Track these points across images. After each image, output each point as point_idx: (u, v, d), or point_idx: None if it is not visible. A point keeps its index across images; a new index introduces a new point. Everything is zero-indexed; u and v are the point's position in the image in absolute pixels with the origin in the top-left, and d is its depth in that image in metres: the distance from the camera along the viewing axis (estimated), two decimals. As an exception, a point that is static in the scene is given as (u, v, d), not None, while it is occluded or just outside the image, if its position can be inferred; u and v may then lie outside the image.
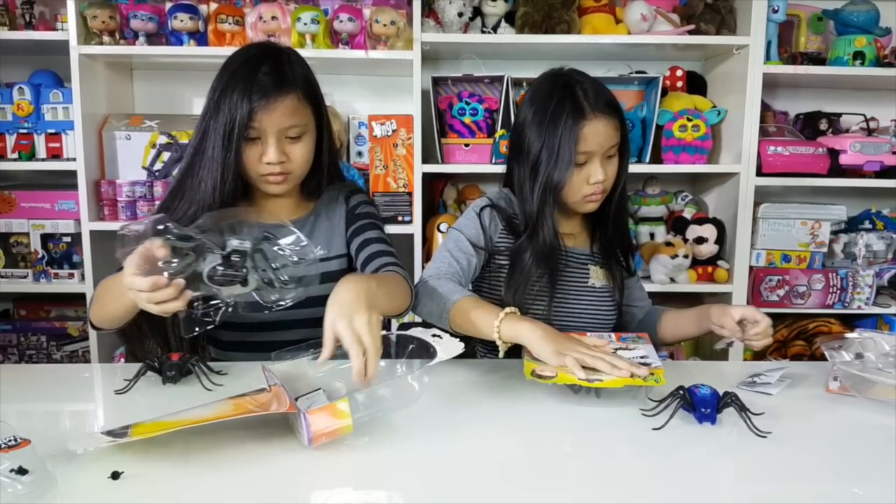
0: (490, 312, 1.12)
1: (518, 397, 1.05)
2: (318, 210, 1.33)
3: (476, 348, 1.34)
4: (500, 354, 1.11)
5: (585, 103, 1.23)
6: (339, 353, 0.90)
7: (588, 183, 1.25)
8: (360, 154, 2.21)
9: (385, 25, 1.99)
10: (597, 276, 1.36)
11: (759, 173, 2.08)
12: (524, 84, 2.15)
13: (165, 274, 0.91)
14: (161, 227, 0.93)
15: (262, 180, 1.21)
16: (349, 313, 0.90)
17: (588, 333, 1.17)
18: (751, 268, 2.13)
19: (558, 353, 1.01)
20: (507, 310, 1.11)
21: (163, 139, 2.08)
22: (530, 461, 0.84)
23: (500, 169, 1.41)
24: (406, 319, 1.42)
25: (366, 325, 0.89)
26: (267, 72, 1.15)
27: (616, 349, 1.08)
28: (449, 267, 1.25)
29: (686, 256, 2.09)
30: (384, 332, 0.97)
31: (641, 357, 1.06)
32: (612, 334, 1.20)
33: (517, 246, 1.29)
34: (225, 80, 1.16)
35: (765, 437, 0.87)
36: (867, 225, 2.22)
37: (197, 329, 0.98)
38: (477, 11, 2.11)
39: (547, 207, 1.26)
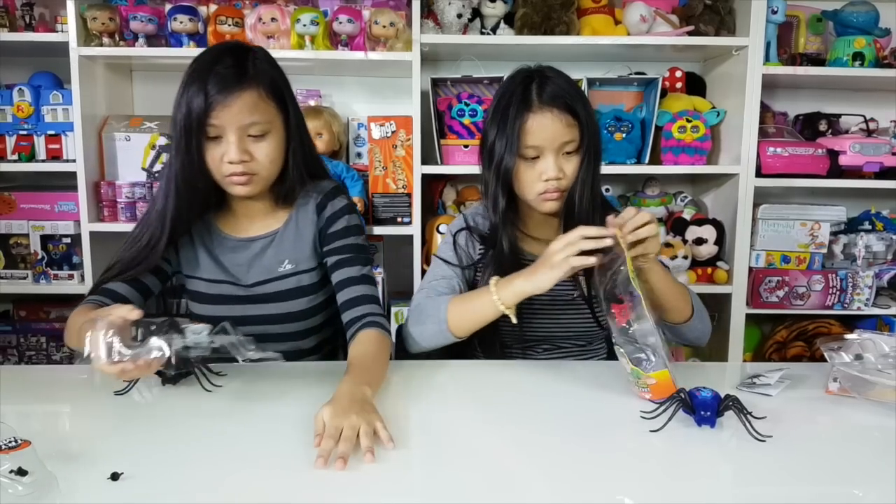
0: (481, 294, 1.15)
1: (514, 398, 1.06)
2: (288, 222, 1.28)
3: (475, 351, 1.34)
4: (514, 320, 1.14)
5: (534, 96, 1.21)
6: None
7: (541, 179, 1.22)
8: (359, 155, 2.21)
9: (384, 27, 1.99)
10: (582, 286, 1.30)
11: (759, 174, 2.08)
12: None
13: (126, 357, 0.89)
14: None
15: (226, 181, 1.17)
16: (344, 414, 0.88)
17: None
18: (750, 269, 2.13)
19: (554, 269, 1.06)
20: (493, 281, 1.14)
21: (162, 140, 2.08)
22: (526, 461, 0.84)
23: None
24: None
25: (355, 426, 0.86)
26: (227, 65, 1.12)
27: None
28: (428, 293, 1.27)
29: (685, 257, 2.09)
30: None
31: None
32: None
33: (488, 258, 1.28)
34: (186, 76, 1.13)
35: (764, 441, 0.87)
36: (867, 226, 2.22)
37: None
38: (476, 13, 2.11)
39: (501, 199, 1.25)
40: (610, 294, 1.04)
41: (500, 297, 1.12)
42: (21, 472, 0.70)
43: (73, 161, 2.01)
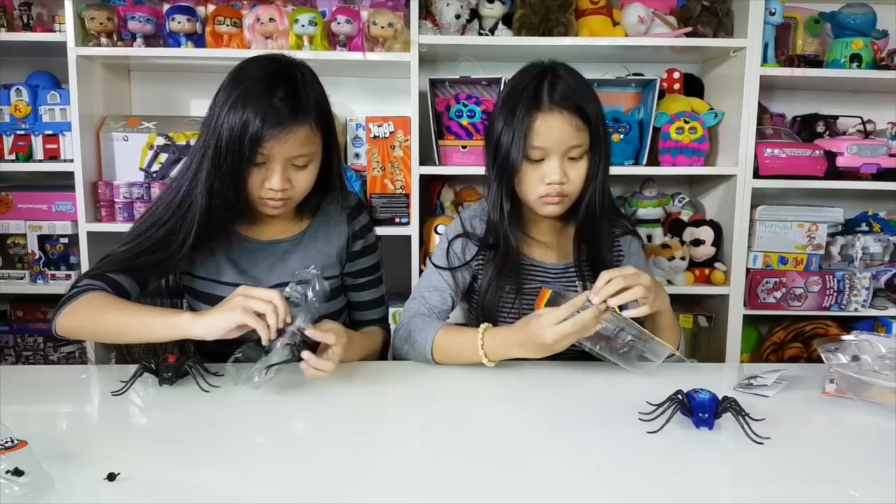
0: (468, 340, 1.14)
1: (512, 398, 1.06)
2: (315, 227, 1.31)
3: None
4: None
5: (545, 96, 1.19)
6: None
7: (544, 182, 1.20)
8: (357, 156, 2.20)
9: (383, 27, 1.99)
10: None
11: (756, 175, 2.08)
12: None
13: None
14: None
15: (260, 202, 1.18)
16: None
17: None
18: (748, 270, 2.13)
19: (549, 350, 1.05)
20: (481, 330, 1.12)
21: (160, 141, 2.08)
22: (524, 462, 0.84)
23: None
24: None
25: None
26: (283, 98, 1.11)
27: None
28: (420, 306, 1.27)
29: (683, 258, 2.10)
30: None
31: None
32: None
33: (489, 260, 1.27)
34: (235, 95, 1.11)
35: (762, 443, 0.87)
36: (864, 227, 2.23)
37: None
38: (474, 14, 2.11)
39: (505, 200, 1.23)
40: (595, 339, 1.09)
41: (488, 352, 1.12)
42: (17, 472, 0.70)
43: (71, 161, 2.01)
